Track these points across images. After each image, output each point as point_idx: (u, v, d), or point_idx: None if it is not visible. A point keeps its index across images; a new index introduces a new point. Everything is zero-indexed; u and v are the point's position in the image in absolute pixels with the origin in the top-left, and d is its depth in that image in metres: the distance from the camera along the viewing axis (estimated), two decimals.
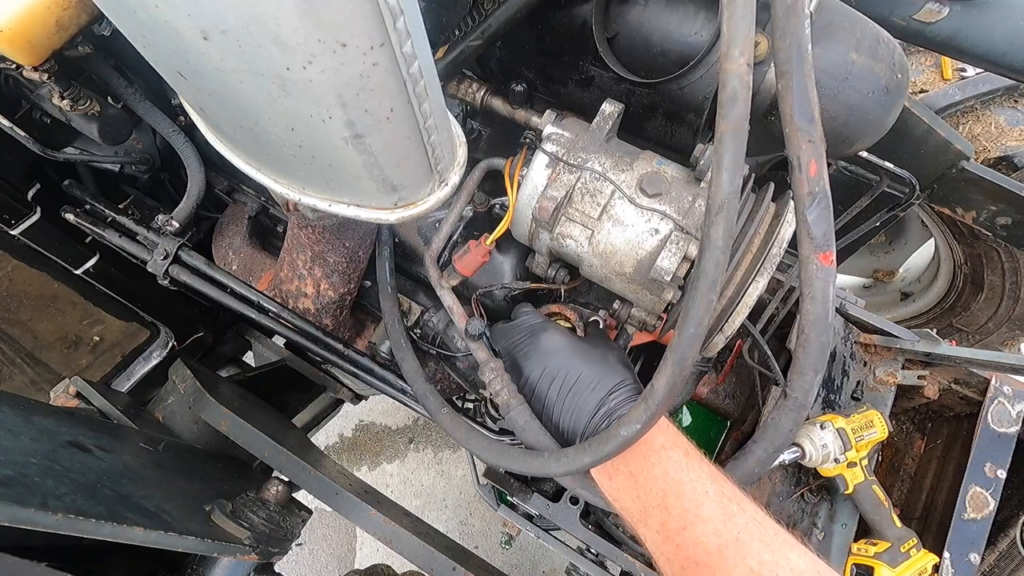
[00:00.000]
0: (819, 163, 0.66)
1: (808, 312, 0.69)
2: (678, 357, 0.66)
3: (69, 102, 1.00)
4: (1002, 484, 1.22)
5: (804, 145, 0.65)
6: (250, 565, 1.04)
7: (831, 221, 0.67)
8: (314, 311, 1.22)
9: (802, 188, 0.66)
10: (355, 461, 2.80)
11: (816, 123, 0.65)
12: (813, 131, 0.65)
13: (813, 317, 0.69)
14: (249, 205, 1.38)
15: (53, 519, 0.69)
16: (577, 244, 0.90)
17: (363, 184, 0.70)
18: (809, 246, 0.68)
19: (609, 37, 0.94)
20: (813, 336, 0.70)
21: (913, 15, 1.28)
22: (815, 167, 0.65)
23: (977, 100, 1.85)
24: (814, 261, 0.68)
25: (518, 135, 1.00)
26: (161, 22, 0.49)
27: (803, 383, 0.72)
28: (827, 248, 0.67)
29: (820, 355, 0.71)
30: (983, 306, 2.16)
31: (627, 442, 0.71)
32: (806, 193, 0.66)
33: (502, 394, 0.92)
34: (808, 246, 0.68)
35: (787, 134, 0.66)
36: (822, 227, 0.67)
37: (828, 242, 0.67)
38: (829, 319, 0.69)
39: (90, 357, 1.39)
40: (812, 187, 0.66)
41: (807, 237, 0.67)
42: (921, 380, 1.33)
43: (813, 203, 0.66)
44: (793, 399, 0.73)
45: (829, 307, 0.69)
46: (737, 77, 0.59)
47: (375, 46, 0.51)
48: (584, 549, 1.20)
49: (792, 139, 0.66)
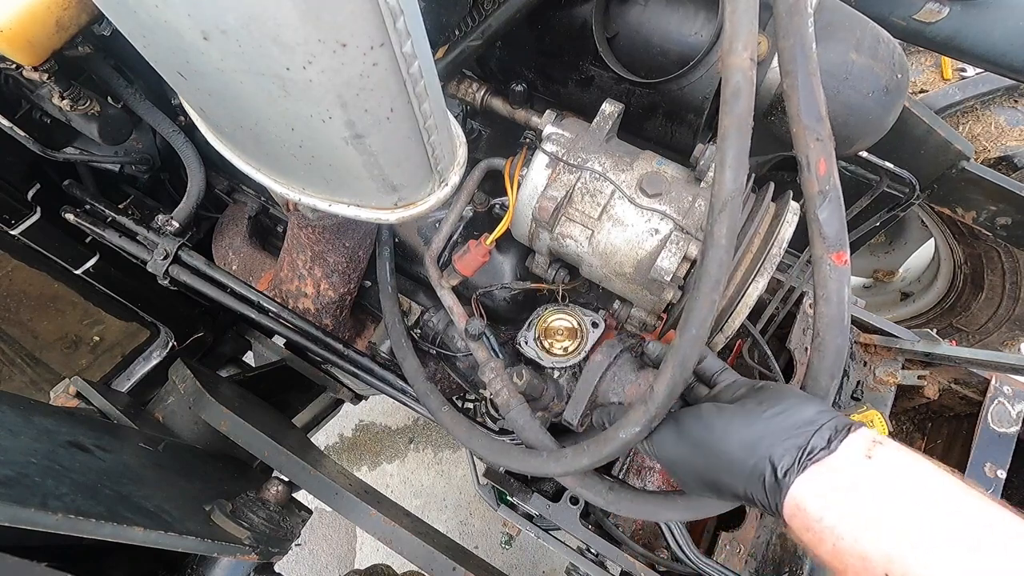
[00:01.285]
0: (828, 161, 0.64)
1: (823, 315, 0.66)
2: (680, 359, 0.64)
3: (69, 102, 1.00)
4: (1002, 484, 1.22)
5: (812, 143, 0.64)
6: (250, 565, 1.04)
7: (843, 220, 0.65)
8: (314, 311, 1.22)
9: (812, 187, 0.64)
10: (355, 461, 2.80)
11: (824, 121, 0.64)
12: (821, 129, 0.64)
13: (828, 319, 0.66)
14: (249, 205, 1.38)
15: (53, 519, 0.69)
16: (577, 244, 0.90)
17: (363, 184, 0.70)
18: (822, 246, 0.65)
19: (609, 37, 0.94)
20: (828, 339, 0.66)
21: (913, 15, 1.28)
22: (824, 165, 0.64)
23: (977, 100, 1.84)
24: (827, 261, 0.65)
25: (518, 135, 1.00)
26: (161, 22, 0.49)
27: (818, 390, 0.68)
28: (840, 247, 0.65)
29: (836, 359, 0.67)
30: (983, 306, 2.16)
31: (626, 445, 0.70)
32: (816, 192, 0.64)
33: (502, 394, 0.92)
34: (821, 246, 0.65)
35: (794, 133, 0.65)
36: (834, 226, 0.65)
37: (841, 241, 0.65)
38: (845, 321, 0.66)
39: (90, 357, 1.39)
40: (822, 185, 0.64)
41: (819, 237, 0.65)
42: (921, 380, 1.33)
43: (824, 201, 0.64)
44: None
45: (845, 309, 0.66)
46: (740, 72, 0.58)
47: (375, 46, 0.51)
48: (584, 549, 1.20)
49: (800, 138, 0.64)
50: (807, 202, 0.66)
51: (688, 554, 1.11)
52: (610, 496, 0.82)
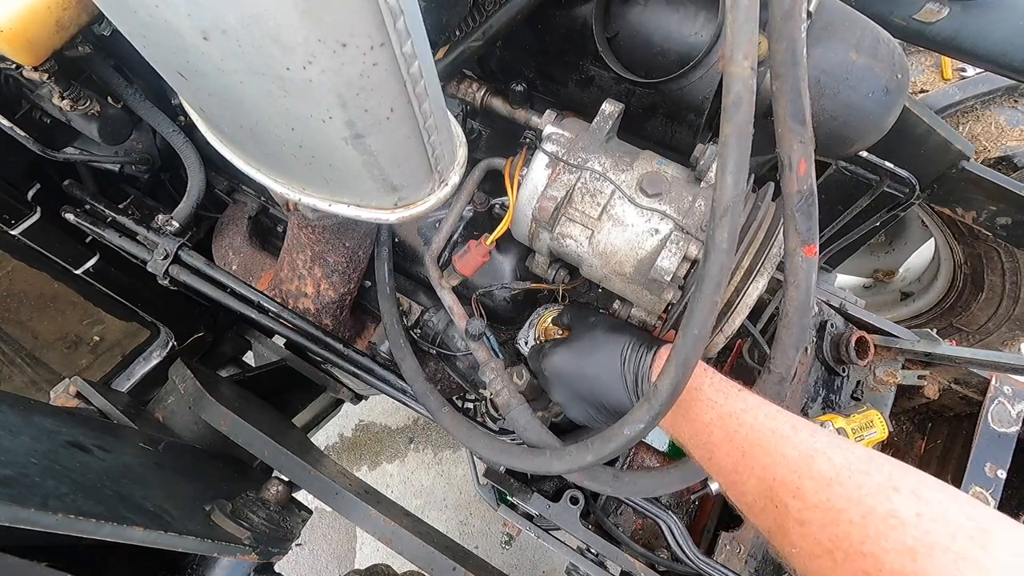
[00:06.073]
0: (808, 163, 0.69)
1: (792, 298, 0.75)
2: (682, 359, 0.67)
3: (69, 102, 1.00)
4: (1002, 484, 1.22)
5: (795, 145, 0.68)
6: (250, 565, 1.04)
7: (816, 217, 0.72)
8: (314, 311, 1.22)
9: (791, 186, 0.70)
10: (355, 461, 2.80)
11: (807, 125, 0.68)
12: (804, 133, 0.68)
13: (797, 303, 0.75)
14: (249, 205, 1.38)
15: (53, 519, 0.69)
16: (577, 244, 0.90)
17: (363, 184, 0.70)
18: (796, 239, 0.72)
19: (609, 37, 0.94)
20: (796, 319, 0.76)
21: (913, 15, 1.27)
22: (804, 166, 0.69)
23: (977, 100, 1.84)
24: (799, 253, 0.73)
25: (518, 135, 1.00)
26: (161, 22, 0.49)
27: (786, 359, 0.78)
28: (811, 241, 0.73)
29: (801, 335, 0.77)
30: (983, 306, 2.16)
31: (630, 441, 0.72)
32: (795, 191, 0.70)
33: (502, 394, 0.92)
34: (795, 239, 0.72)
35: (779, 134, 0.68)
36: (807, 223, 0.71)
37: (813, 236, 0.72)
38: (811, 304, 0.76)
39: (90, 357, 1.39)
40: (801, 185, 0.69)
41: (795, 231, 0.72)
42: (921, 380, 1.33)
43: (801, 200, 0.70)
44: (776, 374, 0.78)
45: (811, 293, 0.75)
46: (741, 81, 0.60)
47: (375, 46, 0.51)
48: (584, 549, 1.20)
49: (784, 139, 0.68)
50: (785, 199, 0.71)
51: (688, 554, 1.11)
52: (616, 484, 0.86)
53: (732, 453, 0.68)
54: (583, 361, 0.85)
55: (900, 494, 0.53)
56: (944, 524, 0.49)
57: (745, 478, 0.66)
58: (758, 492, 0.64)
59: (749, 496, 0.66)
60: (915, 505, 0.52)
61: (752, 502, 0.65)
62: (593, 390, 0.84)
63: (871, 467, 0.57)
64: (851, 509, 0.54)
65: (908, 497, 0.53)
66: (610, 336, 0.85)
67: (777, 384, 0.79)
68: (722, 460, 0.69)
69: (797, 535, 0.58)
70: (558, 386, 0.89)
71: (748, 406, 0.71)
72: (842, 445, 0.62)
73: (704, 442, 0.72)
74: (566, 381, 0.87)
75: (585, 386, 0.85)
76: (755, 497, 0.64)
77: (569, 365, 0.87)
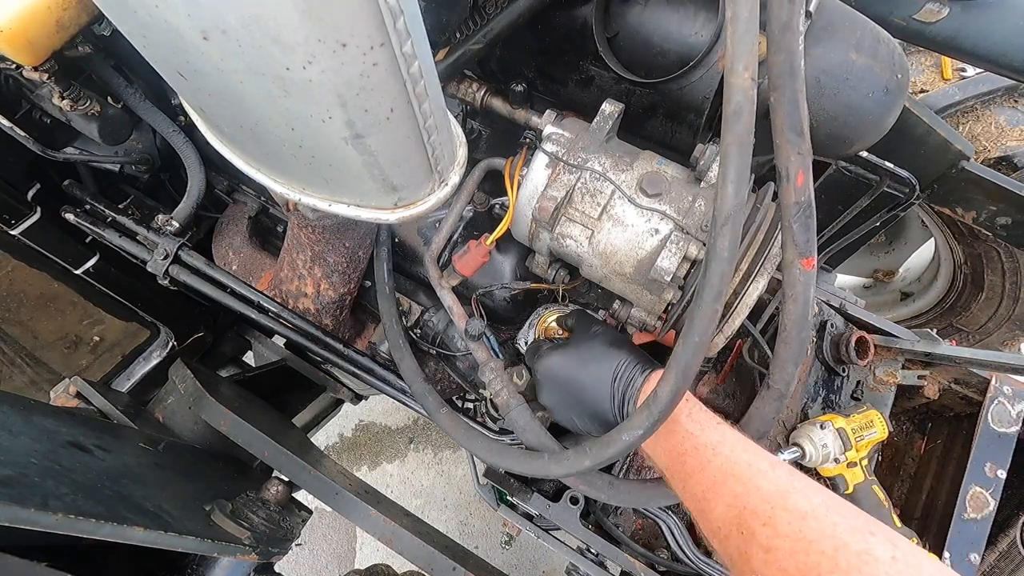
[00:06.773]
0: (806, 174, 0.69)
1: (791, 312, 0.74)
2: (682, 366, 0.67)
3: (69, 102, 1.00)
4: (1002, 484, 1.22)
5: (793, 157, 0.68)
6: (250, 565, 1.04)
7: (814, 229, 0.71)
8: (314, 311, 1.22)
9: (789, 198, 0.69)
10: (355, 461, 2.80)
11: (805, 136, 0.68)
12: (802, 144, 0.68)
13: (795, 316, 0.74)
14: (249, 205, 1.38)
15: (53, 519, 0.69)
16: (577, 244, 0.90)
17: (363, 184, 0.70)
18: (793, 251, 0.71)
19: (609, 37, 0.94)
20: (794, 333, 0.75)
21: (913, 15, 1.27)
22: (802, 177, 0.68)
23: (977, 100, 1.84)
24: (797, 265, 0.72)
25: (518, 135, 1.00)
26: (161, 22, 0.49)
27: (784, 375, 0.77)
28: (809, 254, 0.72)
29: (800, 350, 0.75)
30: (983, 306, 2.16)
31: (628, 447, 0.72)
32: (792, 202, 0.69)
33: (502, 394, 0.92)
34: (792, 251, 0.71)
35: (777, 144, 0.68)
36: (805, 235, 0.71)
37: (811, 248, 0.72)
38: (809, 318, 0.74)
39: (90, 357, 1.39)
40: (798, 196, 0.69)
41: (792, 243, 0.71)
42: (921, 380, 1.33)
43: (799, 212, 0.69)
44: (775, 390, 0.78)
45: (810, 307, 0.74)
46: (742, 92, 0.60)
47: (375, 46, 0.51)
48: (584, 549, 1.20)
49: (782, 150, 0.68)
50: (783, 210, 0.71)
51: (688, 554, 1.11)
52: (611, 491, 0.86)
53: (703, 481, 0.69)
54: (577, 368, 0.86)
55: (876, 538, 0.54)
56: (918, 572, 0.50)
57: (714, 505, 0.66)
58: (725, 519, 0.64)
59: (715, 522, 0.66)
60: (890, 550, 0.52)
61: (718, 528, 0.65)
62: (581, 399, 0.85)
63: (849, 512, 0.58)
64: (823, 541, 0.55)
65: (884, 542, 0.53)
66: (609, 350, 0.86)
67: (776, 400, 0.78)
68: (694, 487, 0.70)
69: (760, 561, 0.58)
70: (548, 388, 0.89)
71: (725, 439, 0.71)
72: (823, 490, 0.62)
73: (679, 470, 0.73)
74: (557, 384, 0.88)
75: (574, 392, 0.86)
76: (721, 523, 0.65)
77: (563, 369, 0.87)
